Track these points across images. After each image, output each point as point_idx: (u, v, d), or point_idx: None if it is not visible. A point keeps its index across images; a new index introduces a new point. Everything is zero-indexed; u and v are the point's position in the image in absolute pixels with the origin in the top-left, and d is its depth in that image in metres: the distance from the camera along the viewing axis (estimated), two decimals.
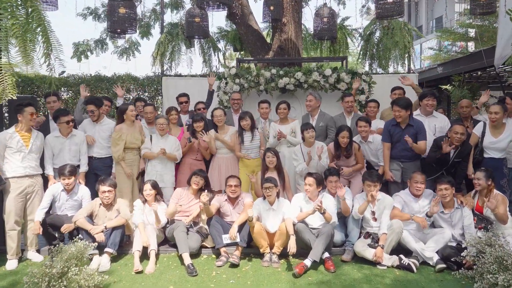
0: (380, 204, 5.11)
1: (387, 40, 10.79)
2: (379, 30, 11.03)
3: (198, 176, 5.41)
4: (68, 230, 5.00)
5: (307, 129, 5.70)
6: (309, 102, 6.34)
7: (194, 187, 5.40)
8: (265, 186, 5.03)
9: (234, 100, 6.71)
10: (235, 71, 7.40)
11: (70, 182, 5.21)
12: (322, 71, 7.34)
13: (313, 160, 5.60)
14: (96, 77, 11.33)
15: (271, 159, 5.50)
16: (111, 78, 11.40)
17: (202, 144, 5.95)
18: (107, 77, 11.44)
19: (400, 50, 10.79)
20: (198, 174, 5.41)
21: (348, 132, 5.63)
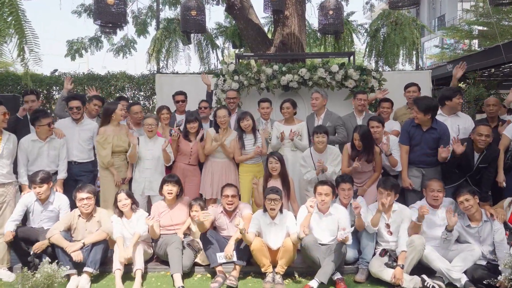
0: (397, 216, 4.42)
1: (395, 36, 10.08)
2: (386, 25, 10.31)
3: (169, 183, 4.71)
4: (41, 250, 4.31)
5: (318, 132, 4.98)
6: (315, 101, 5.63)
7: (168, 197, 4.72)
8: (270, 197, 4.33)
9: (229, 99, 6.01)
10: (233, 68, 6.71)
11: (43, 191, 4.52)
12: (328, 67, 6.65)
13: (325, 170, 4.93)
14: (89, 76, 10.66)
15: (274, 165, 4.80)
16: (105, 76, 10.73)
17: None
18: (100, 75, 10.77)
19: (408, 46, 10.09)
20: (169, 181, 4.71)
21: (360, 134, 4.90)
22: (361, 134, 4.86)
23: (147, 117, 5.18)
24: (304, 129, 5.55)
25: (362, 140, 4.86)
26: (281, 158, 4.87)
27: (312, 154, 5.08)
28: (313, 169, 5.05)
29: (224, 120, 5.24)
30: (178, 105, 6.13)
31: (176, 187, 4.74)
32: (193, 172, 5.32)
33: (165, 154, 5.05)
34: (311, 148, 5.15)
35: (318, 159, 4.71)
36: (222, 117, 5.23)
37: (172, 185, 4.70)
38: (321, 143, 4.95)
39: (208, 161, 5.34)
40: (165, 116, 5.57)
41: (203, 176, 5.33)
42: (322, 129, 5.02)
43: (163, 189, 4.72)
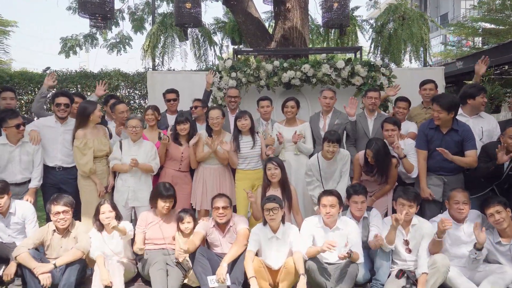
0: (416, 231, 3.80)
1: (402, 31, 9.43)
2: (393, 20, 9.66)
3: (167, 200, 4.12)
4: (11, 276, 3.70)
5: (329, 140, 4.33)
6: (329, 100, 4.98)
7: (164, 212, 4.13)
8: (268, 206, 3.72)
9: (230, 98, 5.35)
10: (231, 64, 6.09)
11: (3, 203, 3.92)
12: (333, 63, 6.03)
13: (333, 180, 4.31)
14: (81, 73, 10.05)
15: (273, 171, 4.17)
16: (98, 74, 10.13)
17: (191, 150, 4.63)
18: (93, 73, 10.16)
19: (416, 42, 9.44)
20: (167, 197, 4.11)
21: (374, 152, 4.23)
22: (374, 152, 4.21)
23: (130, 118, 4.55)
24: (307, 131, 4.93)
25: (376, 158, 4.23)
26: (281, 163, 4.24)
27: (319, 162, 4.44)
28: (319, 181, 4.42)
29: (217, 122, 4.60)
30: (170, 105, 5.50)
31: (172, 202, 4.17)
32: (184, 180, 4.70)
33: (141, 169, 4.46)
34: (318, 154, 4.50)
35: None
36: (215, 118, 4.59)
37: (170, 202, 4.11)
38: (331, 153, 4.33)
39: (200, 167, 4.71)
40: (150, 117, 4.92)
41: (194, 184, 4.71)
42: (335, 136, 4.35)
43: (158, 204, 4.11)
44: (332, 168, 4.44)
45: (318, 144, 4.93)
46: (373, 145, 4.21)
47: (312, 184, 4.49)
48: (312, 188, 4.49)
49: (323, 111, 5.08)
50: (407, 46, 9.71)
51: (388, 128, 4.47)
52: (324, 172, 4.45)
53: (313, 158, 4.55)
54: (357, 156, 4.50)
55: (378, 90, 5.22)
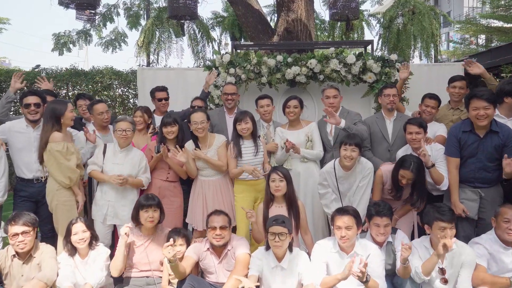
0: (454, 258, 3.08)
1: (412, 26, 8.72)
2: (403, 15, 8.94)
3: (150, 208, 3.39)
4: None
5: (347, 143, 3.59)
6: (333, 99, 4.25)
7: (149, 225, 3.39)
8: (274, 230, 3.00)
9: (227, 95, 4.61)
10: (229, 58, 5.35)
11: None
12: (343, 58, 5.29)
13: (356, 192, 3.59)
14: (71, 72, 9.28)
15: (278, 183, 3.44)
16: (89, 72, 9.37)
17: (174, 160, 3.87)
18: (84, 71, 9.40)
19: (426, 38, 8.73)
20: (149, 206, 3.39)
21: (415, 173, 3.50)
22: (416, 173, 3.47)
23: (120, 120, 3.80)
24: (315, 132, 4.21)
25: (416, 180, 3.50)
26: (287, 174, 3.50)
27: (336, 171, 3.70)
28: (336, 193, 3.68)
29: (202, 127, 3.87)
30: (161, 105, 4.76)
31: (158, 211, 3.41)
32: (173, 191, 3.98)
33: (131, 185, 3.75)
34: (336, 161, 3.76)
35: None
36: (199, 123, 3.86)
37: (153, 211, 3.38)
38: (349, 159, 3.58)
39: (197, 180, 3.98)
40: (138, 120, 4.20)
41: (192, 201, 3.98)
42: (354, 140, 3.60)
43: (140, 216, 3.39)
44: (350, 180, 3.71)
45: (327, 151, 4.22)
46: (412, 165, 3.46)
47: (327, 198, 3.76)
48: (327, 203, 3.75)
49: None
50: (417, 42, 9.02)
51: (412, 130, 3.73)
52: (341, 184, 3.72)
53: (328, 165, 3.81)
54: (380, 172, 3.74)
55: (395, 87, 4.48)
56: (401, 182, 3.52)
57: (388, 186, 3.67)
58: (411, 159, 3.51)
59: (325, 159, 4.21)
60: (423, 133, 3.71)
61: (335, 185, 3.71)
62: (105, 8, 11.71)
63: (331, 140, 4.23)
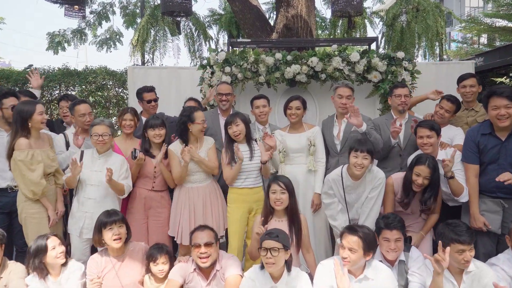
0: (474, 281, 2.69)
1: (416, 24, 8.31)
2: (406, 12, 8.53)
3: (114, 225, 2.95)
4: None
5: (357, 150, 3.16)
6: (346, 100, 3.80)
7: (116, 246, 2.97)
8: (266, 245, 2.62)
9: (221, 96, 4.19)
10: (224, 56, 4.96)
11: None
12: (346, 56, 4.91)
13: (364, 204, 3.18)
14: (63, 71, 8.87)
15: (280, 196, 3.03)
16: (82, 72, 8.96)
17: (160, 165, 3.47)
18: (77, 71, 8.99)
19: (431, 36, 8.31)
20: (111, 222, 2.96)
21: (431, 168, 3.11)
22: (432, 168, 3.09)
23: (96, 123, 3.40)
24: (318, 138, 3.81)
25: (431, 178, 3.10)
26: (290, 185, 3.08)
27: (343, 179, 3.29)
28: (342, 204, 3.28)
29: (205, 127, 3.56)
30: (150, 107, 4.33)
31: (124, 227, 2.99)
32: (160, 202, 3.58)
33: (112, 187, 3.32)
34: (343, 168, 3.34)
35: None
36: (201, 123, 3.51)
37: (118, 227, 2.95)
38: (359, 168, 3.16)
39: (182, 188, 3.56)
40: (128, 123, 3.77)
41: (175, 211, 3.55)
42: (366, 146, 3.18)
43: (104, 237, 2.97)
44: (358, 190, 3.30)
45: (332, 156, 3.80)
46: (428, 160, 3.10)
47: (332, 208, 3.34)
48: (333, 214, 3.34)
49: (338, 113, 3.94)
50: (421, 40, 8.60)
51: (423, 134, 3.33)
52: (348, 193, 3.31)
53: (335, 172, 3.38)
54: (390, 181, 3.33)
55: (407, 86, 4.07)
56: (416, 183, 3.11)
57: (399, 196, 3.26)
58: (426, 156, 3.14)
59: (329, 165, 3.81)
60: (435, 137, 3.31)
61: (342, 195, 3.31)
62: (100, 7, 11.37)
63: (338, 145, 3.81)
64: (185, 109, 3.55)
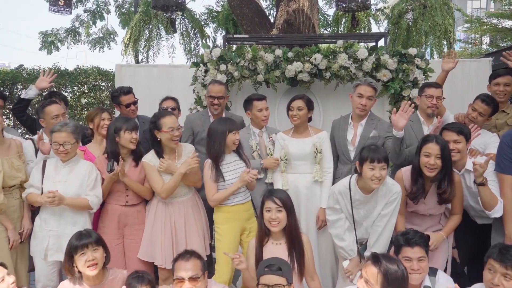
0: None
1: (423, 22, 7.82)
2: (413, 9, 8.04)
3: (86, 249, 2.44)
4: None
5: (373, 160, 2.64)
6: (366, 101, 3.28)
7: (91, 273, 2.44)
8: (265, 281, 2.16)
9: (213, 99, 3.64)
10: (219, 53, 4.46)
11: None
12: (353, 53, 4.42)
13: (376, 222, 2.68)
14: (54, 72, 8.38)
15: (276, 215, 2.53)
16: (73, 72, 8.47)
17: (132, 177, 2.95)
18: (67, 71, 8.51)
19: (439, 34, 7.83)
20: (84, 245, 2.44)
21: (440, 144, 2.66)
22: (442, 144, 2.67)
23: (55, 130, 2.84)
24: (325, 144, 3.29)
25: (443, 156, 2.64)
26: (287, 201, 2.57)
27: (351, 192, 2.77)
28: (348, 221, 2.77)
29: (179, 134, 3.02)
30: (130, 111, 3.73)
31: (99, 250, 2.47)
32: (137, 217, 3.05)
33: (71, 206, 2.80)
34: (352, 179, 2.83)
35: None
36: (175, 129, 2.96)
37: (92, 251, 2.44)
38: (377, 181, 2.65)
39: (159, 202, 3.04)
40: (107, 123, 3.23)
41: (151, 230, 3.01)
42: (381, 154, 2.67)
43: (76, 263, 2.45)
44: (368, 205, 2.80)
45: (343, 164, 3.29)
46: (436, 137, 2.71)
47: (338, 226, 2.82)
48: (340, 233, 2.81)
49: (354, 115, 3.42)
50: (428, 39, 8.12)
51: (450, 138, 2.83)
52: (356, 209, 2.80)
53: (342, 183, 2.86)
54: (399, 175, 2.87)
55: (441, 87, 3.54)
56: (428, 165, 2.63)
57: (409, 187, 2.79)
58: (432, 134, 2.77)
59: (340, 173, 3.31)
60: (463, 142, 2.82)
61: (349, 210, 2.79)
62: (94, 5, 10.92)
63: (352, 151, 3.28)
64: (154, 114, 3.03)
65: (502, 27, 12.80)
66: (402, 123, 2.97)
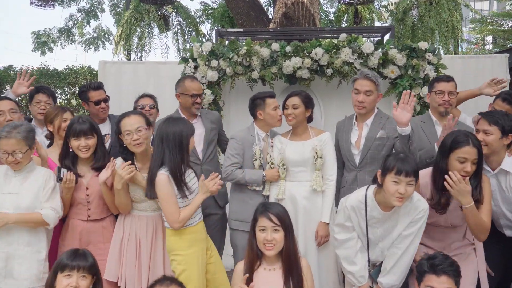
0: None
1: (430, 18, 7.40)
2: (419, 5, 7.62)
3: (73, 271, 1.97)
4: None
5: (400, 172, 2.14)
6: (363, 96, 2.76)
7: None
8: None
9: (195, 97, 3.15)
10: (210, 47, 4.03)
11: None
12: (357, 47, 3.99)
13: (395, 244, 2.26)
14: (42, 71, 8.00)
15: (272, 235, 2.06)
16: (62, 72, 8.09)
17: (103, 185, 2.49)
18: (57, 71, 8.11)
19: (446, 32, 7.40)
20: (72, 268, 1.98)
21: (477, 146, 2.23)
22: (477, 145, 2.24)
23: (3, 136, 2.32)
24: (327, 147, 2.81)
25: (479, 156, 2.23)
26: (285, 219, 2.10)
27: (367, 208, 2.30)
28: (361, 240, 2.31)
29: (139, 138, 2.45)
30: (100, 110, 3.24)
31: (88, 281, 2.02)
32: (102, 234, 2.58)
33: (23, 223, 2.33)
34: (369, 192, 2.33)
35: None
36: (133, 132, 2.44)
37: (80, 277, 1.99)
38: (400, 198, 2.15)
39: (127, 217, 2.57)
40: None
41: (117, 245, 2.54)
42: (410, 165, 2.17)
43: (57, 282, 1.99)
44: (387, 224, 2.31)
45: (349, 171, 2.83)
46: (470, 138, 2.23)
47: (348, 246, 2.34)
48: (350, 255, 2.33)
49: (358, 115, 2.94)
50: (434, 36, 7.69)
51: (480, 127, 2.44)
52: (372, 227, 2.32)
53: (356, 197, 2.35)
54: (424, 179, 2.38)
55: (453, 80, 3.08)
56: (464, 172, 2.18)
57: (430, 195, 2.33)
58: (463, 133, 2.27)
59: (345, 182, 2.86)
60: (495, 135, 2.40)
61: (363, 229, 2.32)
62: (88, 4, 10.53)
63: (357, 155, 2.81)
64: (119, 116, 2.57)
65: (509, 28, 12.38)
66: (406, 117, 2.51)
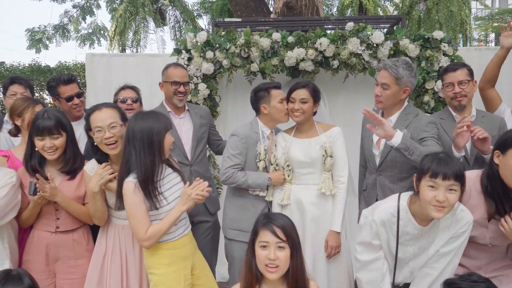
0: None
1: (438, 12, 7.03)
2: None
3: None
4: None
5: (437, 175, 1.73)
6: (379, 89, 2.36)
7: None
8: None
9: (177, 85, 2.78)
10: (205, 37, 3.66)
11: None
12: (366, 37, 3.65)
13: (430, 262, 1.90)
14: (33, 68, 7.65)
15: (275, 254, 1.65)
16: (55, 68, 7.74)
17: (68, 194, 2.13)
18: (49, 67, 7.77)
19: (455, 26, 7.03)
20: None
21: None
22: None
23: None
24: (337, 143, 2.41)
25: None
26: (292, 232, 1.71)
27: (400, 222, 1.89)
28: (388, 260, 1.93)
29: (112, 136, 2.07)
30: (72, 107, 2.83)
31: None
32: (72, 249, 2.18)
33: None
34: (401, 202, 1.92)
35: None
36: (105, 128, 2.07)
37: None
38: (440, 208, 1.75)
39: (110, 223, 2.19)
40: None
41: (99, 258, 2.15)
42: (452, 168, 1.75)
43: None
44: (423, 241, 1.91)
45: (370, 173, 2.45)
46: None
47: (374, 268, 1.92)
48: (376, 279, 1.92)
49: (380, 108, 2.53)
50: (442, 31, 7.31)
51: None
52: (405, 245, 1.92)
53: (387, 209, 1.92)
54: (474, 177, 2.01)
55: (465, 66, 2.69)
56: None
57: (478, 216, 1.93)
58: None
59: (365, 185, 2.51)
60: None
61: (391, 247, 1.92)
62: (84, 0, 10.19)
63: (377, 156, 2.42)
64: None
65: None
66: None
